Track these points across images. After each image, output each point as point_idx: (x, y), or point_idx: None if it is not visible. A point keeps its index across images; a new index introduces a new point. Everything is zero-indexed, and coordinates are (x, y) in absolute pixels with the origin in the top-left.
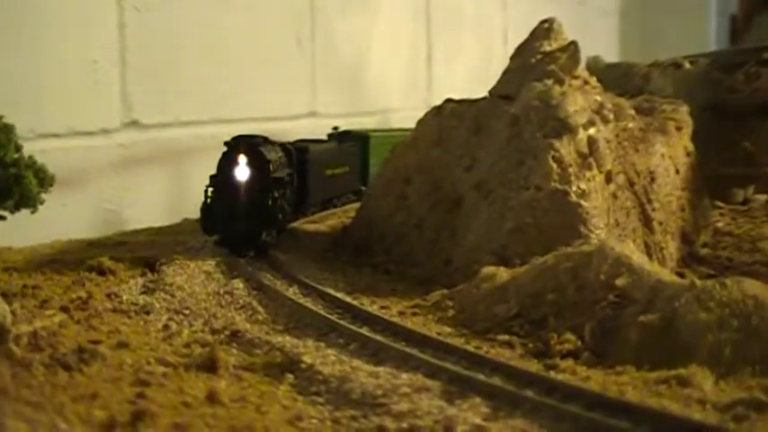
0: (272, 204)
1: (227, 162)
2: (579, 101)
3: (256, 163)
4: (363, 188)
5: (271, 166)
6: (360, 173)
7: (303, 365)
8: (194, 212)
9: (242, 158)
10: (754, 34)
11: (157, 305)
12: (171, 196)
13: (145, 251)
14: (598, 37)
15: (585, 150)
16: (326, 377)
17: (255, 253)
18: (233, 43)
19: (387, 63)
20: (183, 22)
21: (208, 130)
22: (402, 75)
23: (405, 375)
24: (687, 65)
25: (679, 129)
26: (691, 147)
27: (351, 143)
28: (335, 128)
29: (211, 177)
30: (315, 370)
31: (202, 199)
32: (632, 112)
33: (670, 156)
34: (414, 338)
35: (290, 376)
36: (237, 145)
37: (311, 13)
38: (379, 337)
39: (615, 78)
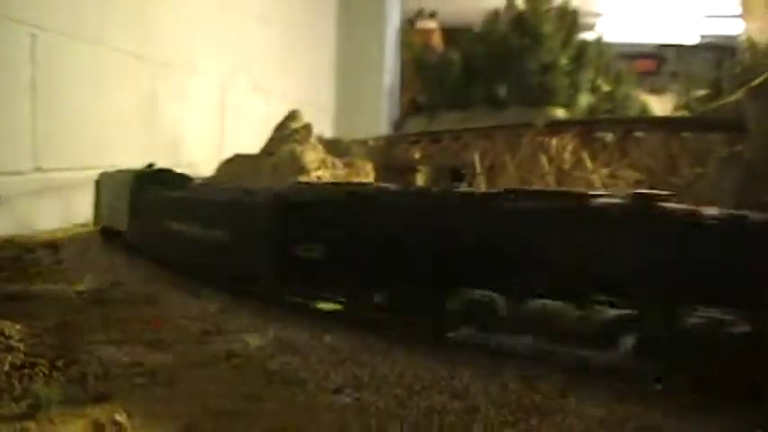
0: None
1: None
2: (312, 156)
3: None
4: None
5: None
6: None
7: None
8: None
9: None
10: (406, 129)
11: None
12: None
13: None
14: (322, 124)
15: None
16: None
17: None
18: (105, 115)
19: (198, 134)
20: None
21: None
22: (206, 140)
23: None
24: (371, 142)
25: (367, 176)
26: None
27: None
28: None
29: None
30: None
31: None
32: (341, 164)
33: None
34: None
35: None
36: None
37: (154, 99)
38: None
39: (332, 149)
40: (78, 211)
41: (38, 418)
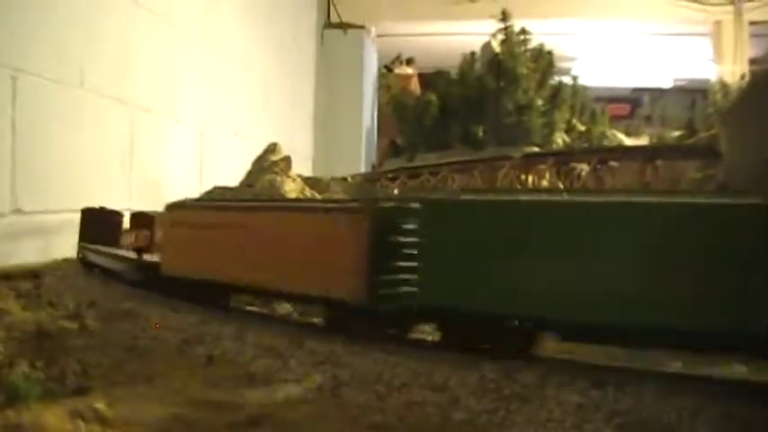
0: None
1: None
2: (291, 186)
3: None
4: None
5: None
6: None
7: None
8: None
9: None
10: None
11: None
12: None
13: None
14: (301, 170)
15: None
16: None
17: None
18: (85, 157)
19: (177, 178)
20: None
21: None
22: (185, 184)
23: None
24: (350, 179)
25: None
26: None
27: None
28: None
29: None
30: None
31: None
32: (320, 198)
33: None
34: None
35: None
36: None
37: (133, 143)
38: None
39: (312, 185)
40: (59, 253)
41: (17, 408)
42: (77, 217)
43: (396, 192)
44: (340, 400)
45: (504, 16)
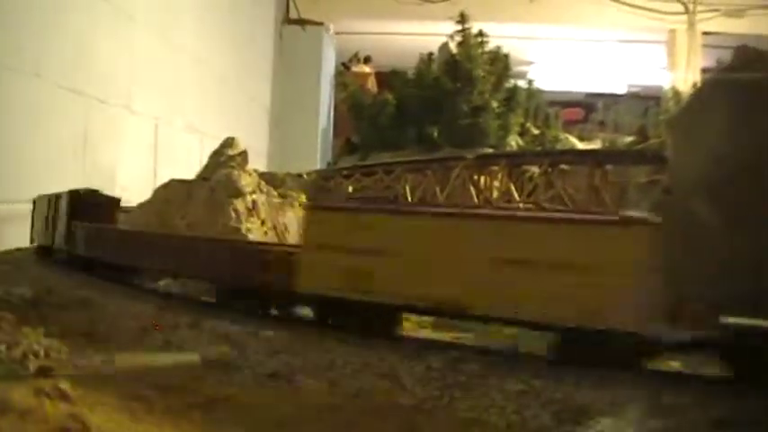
0: None
1: None
2: (247, 180)
3: None
4: None
5: None
6: None
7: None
8: None
9: None
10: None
11: None
12: None
13: None
14: (257, 163)
15: (250, 207)
16: None
17: None
18: (38, 148)
19: (131, 170)
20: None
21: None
22: (139, 177)
23: None
24: (305, 176)
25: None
26: None
27: None
28: None
29: None
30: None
31: None
32: (275, 193)
33: (295, 218)
34: None
35: None
36: None
37: (88, 134)
38: None
39: (267, 181)
40: (11, 242)
41: None
42: (29, 207)
43: (350, 189)
44: None
45: (462, 18)
